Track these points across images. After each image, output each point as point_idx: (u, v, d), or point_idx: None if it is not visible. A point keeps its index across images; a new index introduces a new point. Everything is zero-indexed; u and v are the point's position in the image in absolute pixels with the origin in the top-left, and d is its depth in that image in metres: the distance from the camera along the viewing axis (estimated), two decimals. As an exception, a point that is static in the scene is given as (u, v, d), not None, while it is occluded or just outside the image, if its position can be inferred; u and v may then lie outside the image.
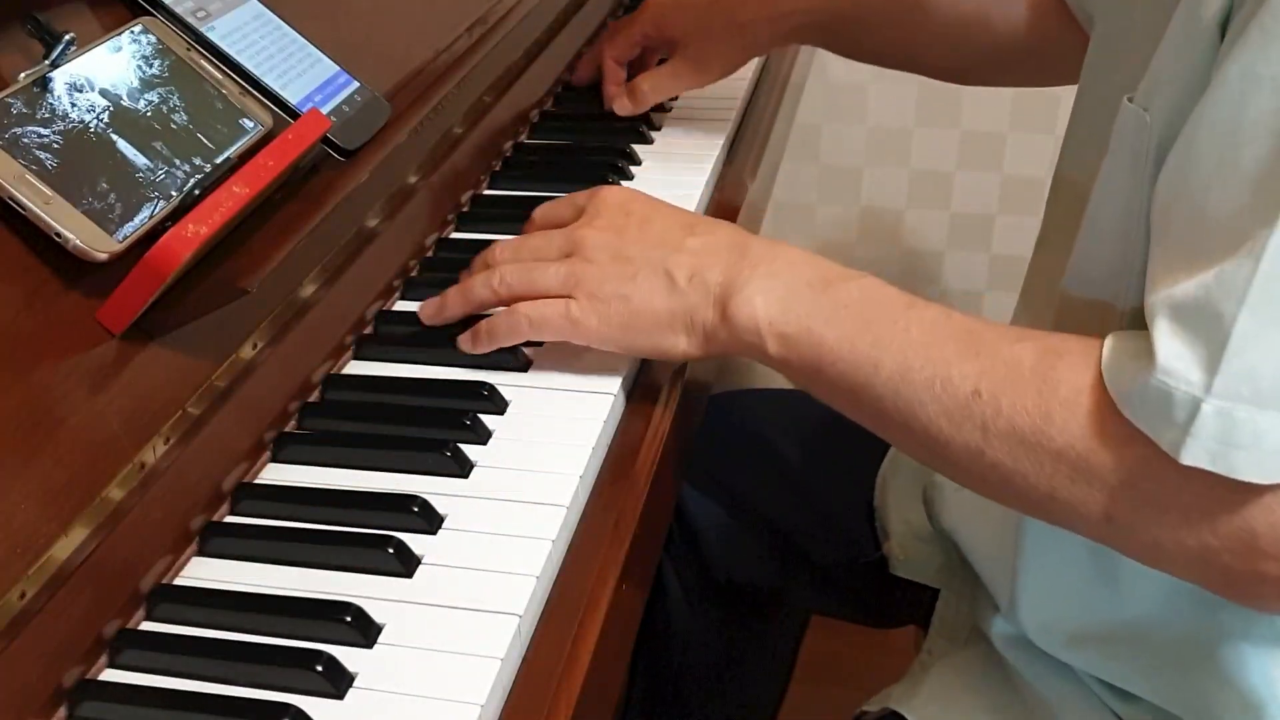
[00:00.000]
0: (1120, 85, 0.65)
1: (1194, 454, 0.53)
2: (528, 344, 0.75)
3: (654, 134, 1.06)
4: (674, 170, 0.99)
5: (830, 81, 1.84)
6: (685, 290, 0.70)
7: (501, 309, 0.74)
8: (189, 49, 0.73)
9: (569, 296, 0.71)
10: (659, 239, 0.72)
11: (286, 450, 0.69)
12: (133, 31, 0.70)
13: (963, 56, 1.04)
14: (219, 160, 0.69)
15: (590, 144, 1.04)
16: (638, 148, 1.02)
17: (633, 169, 0.99)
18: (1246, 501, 0.54)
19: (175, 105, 0.69)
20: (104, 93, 0.66)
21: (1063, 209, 0.81)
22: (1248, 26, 0.54)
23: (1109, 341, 0.59)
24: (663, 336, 0.70)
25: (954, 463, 0.63)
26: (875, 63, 1.11)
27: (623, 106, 1.05)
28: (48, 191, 0.59)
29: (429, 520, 0.63)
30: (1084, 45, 0.82)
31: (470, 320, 0.76)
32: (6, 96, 0.61)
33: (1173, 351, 0.54)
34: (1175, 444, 0.54)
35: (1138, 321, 0.60)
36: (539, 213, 0.79)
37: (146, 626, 0.59)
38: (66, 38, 0.64)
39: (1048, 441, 0.59)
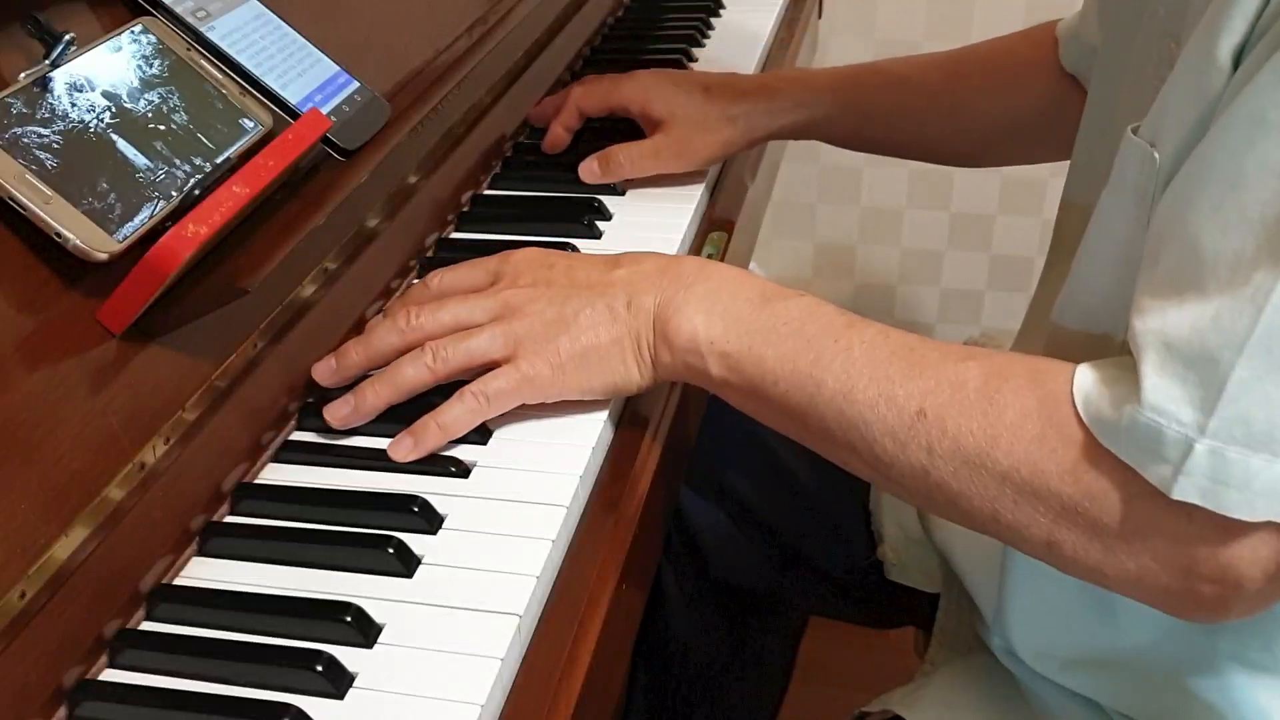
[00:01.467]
0: (1122, 112, 0.65)
1: (1185, 490, 0.54)
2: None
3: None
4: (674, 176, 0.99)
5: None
6: (625, 318, 0.69)
7: (437, 408, 0.68)
8: (189, 49, 0.73)
9: (512, 357, 0.68)
10: (587, 280, 0.71)
11: (286, 450, 0.69)
12: (133, 31, 0.70)
13: (974, 139, 1.03)
14: (219, 160, 0.69)
15: (591, 142, 1.03)
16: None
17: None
18: (1191, 531, 0.55)
19: (175, 105, 0.69)
20: (104, 93, 0.66)
21: (1071, 234, 0.81)
22: (1261, 69, 0.53)
23: (1081, 371, 0.59)
24: (613, 368, 0.69)
25: (899, 481, 0.63)
26: (881, 153, 1.08)
27: (590, 172, 0.96)
28: (48, 191, 0.59)
29: (429, 520, 0.63)
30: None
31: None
32: (6, 96, 0.61)
33: (1164, 390, 0.54)
34: (1165, 480, 0.54)
35: None
36: (438, 280, 0.75)
37: (146, 626, 0.59)
38: (66, 38, 0.64)
39: (993, 464, 0.59)
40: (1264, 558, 0.55)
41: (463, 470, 0.66)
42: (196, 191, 0.65)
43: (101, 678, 0.56)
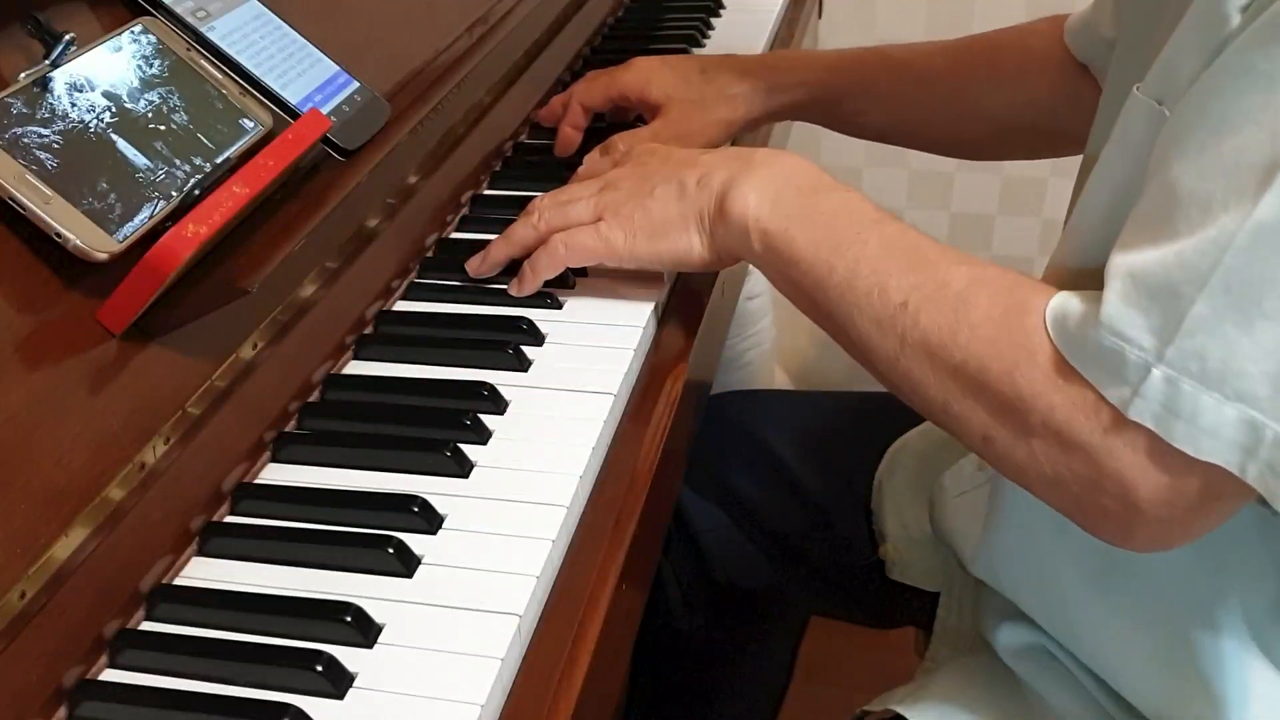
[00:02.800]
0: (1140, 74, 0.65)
1: (1140, 412, 0.56)
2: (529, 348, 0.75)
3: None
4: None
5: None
6: (694, 193, 0.75)
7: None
8: (189, 49, 0.73)
9: (599, 220, 0.77)
10: (677, 161, 0.78)
11: (286, 450, 0.69)
12: (133, 31, 0.70)
13: (976, 129, 1.02)
14: (219, 160, 0.69)
15: (601, 140, 1.03)
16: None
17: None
18: (1110, 443, 0.58)
19: (175, 105, 0.69)
20: (104, 93, 0.66)
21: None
22: (1258, 19, 0.54)
23: (1062, 295, 0.62)
24: (678, 238, 0.76)
25: (875, 366, 0.68)
26: (880, 140, 1.07)
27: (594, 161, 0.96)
28: (48, 191, 0.59)
29: (429, 520, 0.63)
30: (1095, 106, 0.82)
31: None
32: (6, 96, 0.61)
33: (1125, 317, 0.57)
34: (1123, 400, 0.57)
35: None
36: (583, 166, 0.88)
37: (146, 626, 0.59)
38: (66, 38, 0.64)
39: (948, 357, 0.63)
40: (1164, 487, 0.57)
41: (463, 470, 0.66)
42: (196, 191, 0.66)
43: (101, 678, 0.56)
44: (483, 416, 0.70)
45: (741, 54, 1.04)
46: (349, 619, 0.56)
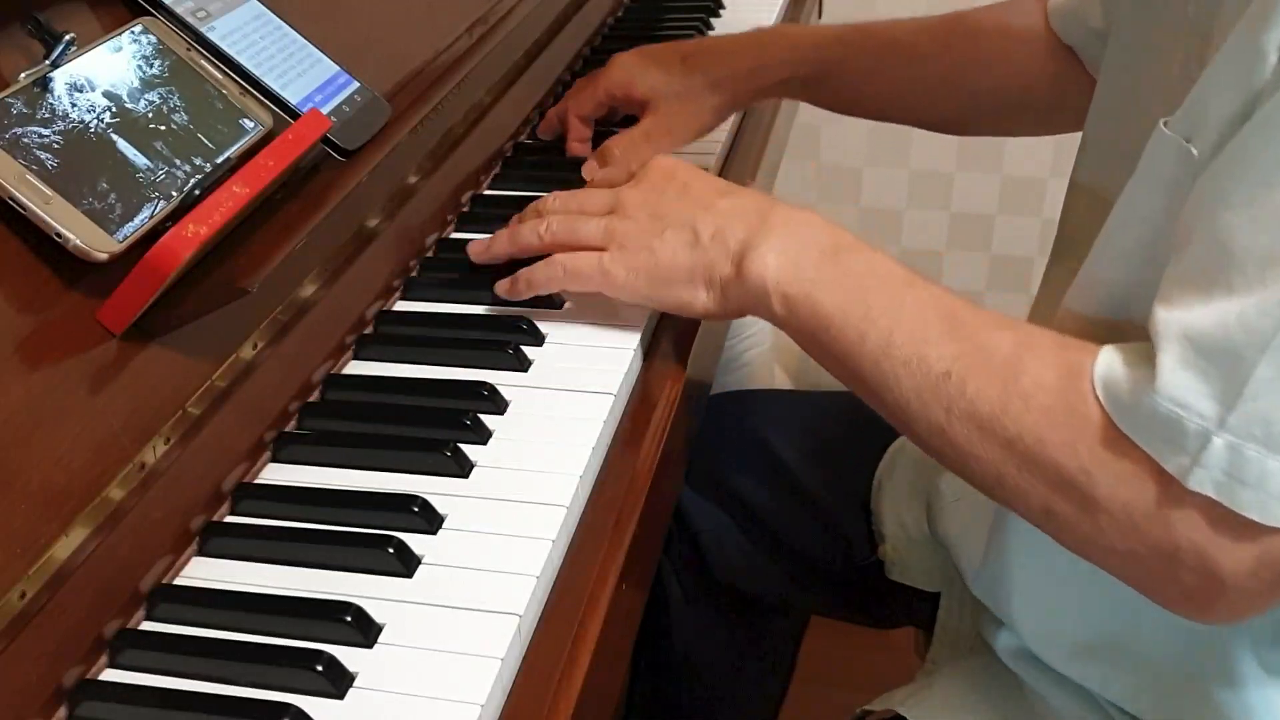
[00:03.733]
0: (1145, 101, 0.64)
1: (1201, 482, 0.54)
2: (530, 346, 0.75)
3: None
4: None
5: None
6: (707, 246, 0.72)
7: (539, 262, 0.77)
8: (189, 49, 0.73)
9: (604, 249, 0.74)
10: (693, 200, 0.75)
11: (286, 450, 0.69)
12: (133, 31, 0.70)
13: (959, 106, 1.02)
14: (219, 160, 0.69)
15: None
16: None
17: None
18: (1179, 514, 0.56)
19: (175, 105, 0.69)
20: (104, 93, 0.66)
21: (1082, 218, 0.80)
22: None
23: (1105, 352, 0.59)
24: (683, 289, 0.73)
25: (919, 437, 0.66)
26: (865, 115, 1.07)
27: (592, 172, 0.96)
28: (48, 191, 0.59)
29: (429, 520, 0.63)
30: (1089, 90, 0.81)
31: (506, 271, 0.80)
32: (7, 96, 0.61)
33: (1183, 382, 0.54)
34: (1183, 470, 0.55)
35: None
36: (599, 175, 0.85)
37: (146, 626, 0.59)
38: (66, 38, 0.64)
39: (1001, 430, 0.60)
40: (1249, 558, 0.55)
41: (463, 470, 0.66)
42: (196, 191, 0.66)
43: (101, 678, 0.56)
44: (483, 416, 0.70)
45: (723, 35, 1.04)
46: (349, 619, 0.56)
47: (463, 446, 0.67)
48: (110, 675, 0.56)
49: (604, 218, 0.76)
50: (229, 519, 0.65)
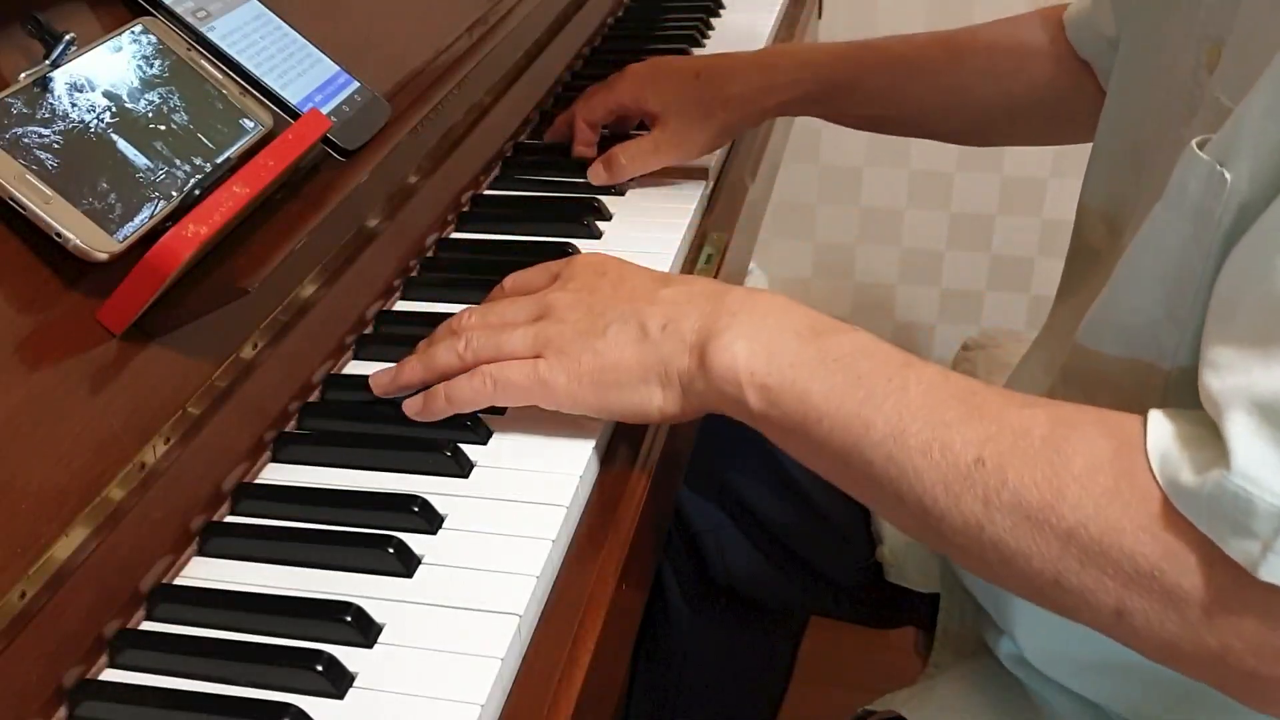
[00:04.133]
0: (1152, 115, 0.61)
1: (1274, 570, 0.49)
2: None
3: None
4: (672, 174, 0.99)
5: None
6: (658, 340, 0.65)
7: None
8: (189, 49, 0.73)
9: (536, 358, 0.67)
10: (631, 294, 0.67)
11: (286, 450, 0.69)
12: (133, 31, 0.70)
13: (972, 119, 1.01)
14: (219, 160, 0.69)
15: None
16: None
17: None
18: (1251, 605, 0.50)
19: (175, 105, 0.69)
20: (104, 93, 0.66)
21: (1092, 245, 0.79)
22: None
23: (1155, 422, 0.54)
24: (635, 390, 0.65)
25: (949, 538, 0.57)
26: (875, 129, 1.06)
27: (598, 176, 0.96)
28: (48, 191, 0.59)
29: (429, 520, 0.63)
30: (1099, 101, 0.80)
31: None
32: (7, 96, 0.61)
33: (1257, 455, 0.49)
34: (1251, 557, 0.49)
35: (1185, 383, 0.56)
36: (509, 280, 0.75)
37: (146, 626, 0.59)
38: (67, 38, 0.64)
39: (1058, 520, 0.53)
40: None
41: (463, 470, 0.66)
42: (196, 191, 0.66)
43: (101, 678, 0.56)
44: (483, 416, 0.70)
45: (735, 52, 1.03)
46: (349, 619, 0.56)
47: (463, 446, 0.67)
48: (110, 675, 0.56)
49: (531, 325, 0.68)
50: (229, 519, 0.65)
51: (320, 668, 0.54)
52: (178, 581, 0.61)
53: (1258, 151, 0.53)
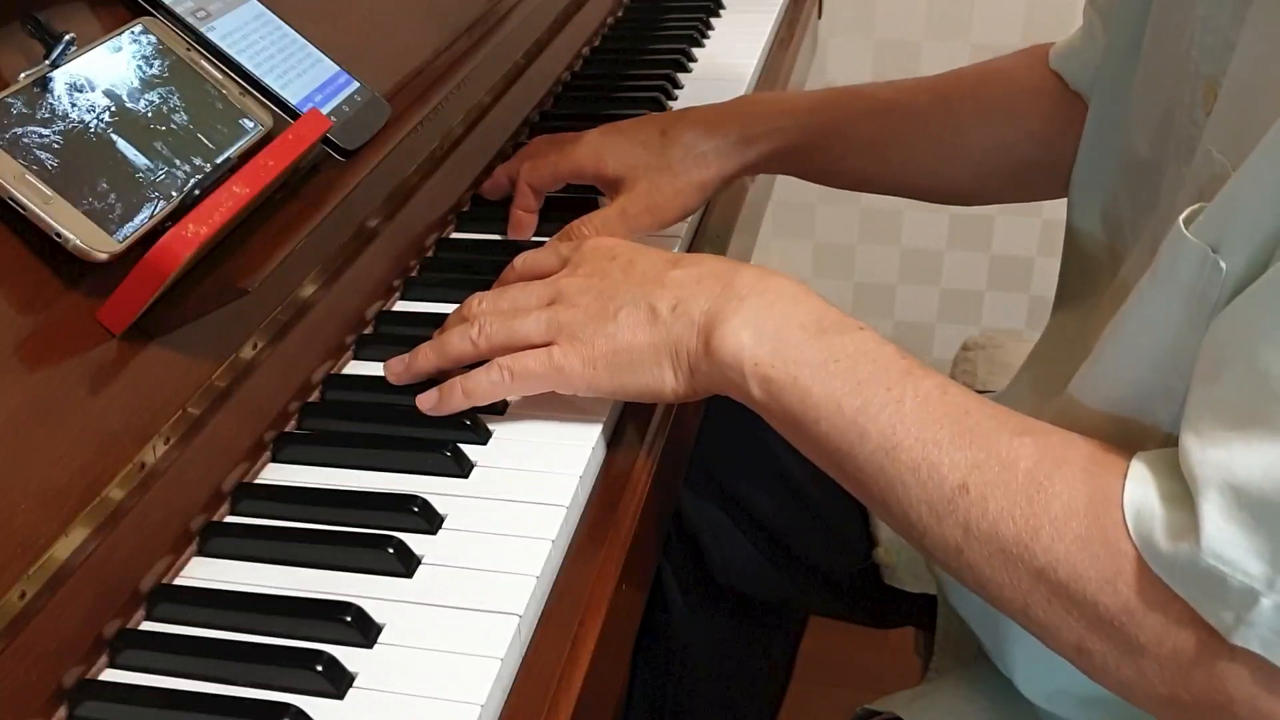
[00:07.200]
0: (1139, 138, 0.60)
1: (1246, 639, 0.50)
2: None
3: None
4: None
5: (830, 81, 1.84)
6: (668, 321, 0.66)
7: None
8: (189, 49, 0.73)
9: (551, 344, 0.67)
10: (642, 276, 0.68)
11: (286, 450, 0.69)
12: (133, 31, 0.70)
13: (968, 169, 0.94)
14: (219, 160, 0.69)
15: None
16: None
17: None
18: (1228, 666, 0.52)
19: (175, 105, 0.69)
20: (104, 93, 0.66)
21: (1081, 270, 0.78)
22: None
23: (1136, 475, 0.54)
24: (648, 372, 0.66)
25: (930, 551, 0.60)
26: (868, 187, 0.98)
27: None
28: (48, 191, 0.59)
29: (429, 520, 0.63)
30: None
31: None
32: (6, 96, 0.61)
33: (1228, 538, 0.50)
34: (1226, 626, 0.50)
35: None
36: (520, 261, 0.75)
37: (146, 626, 0.59)
38: (66, 38, 0.64)
39: (1030, 558, 0.55)
40: None
41: (463, 470, 0.66)
42: (196, 191, 0.66)
43: (101, 678, 0.56)
44: (483, 416, 0.70)
45: (704, 105, 0.94)
46: (349, 619, 0.56)
47: (463, 446, 0.67)
48: (110, 675, 0.56)
49: (544, 310, 0.68)
50: (229, 519, 0.65)
51: (320, 668, 0.54)
52: (178, 581, 0.61)
53: (1253, 239, 0.52)
